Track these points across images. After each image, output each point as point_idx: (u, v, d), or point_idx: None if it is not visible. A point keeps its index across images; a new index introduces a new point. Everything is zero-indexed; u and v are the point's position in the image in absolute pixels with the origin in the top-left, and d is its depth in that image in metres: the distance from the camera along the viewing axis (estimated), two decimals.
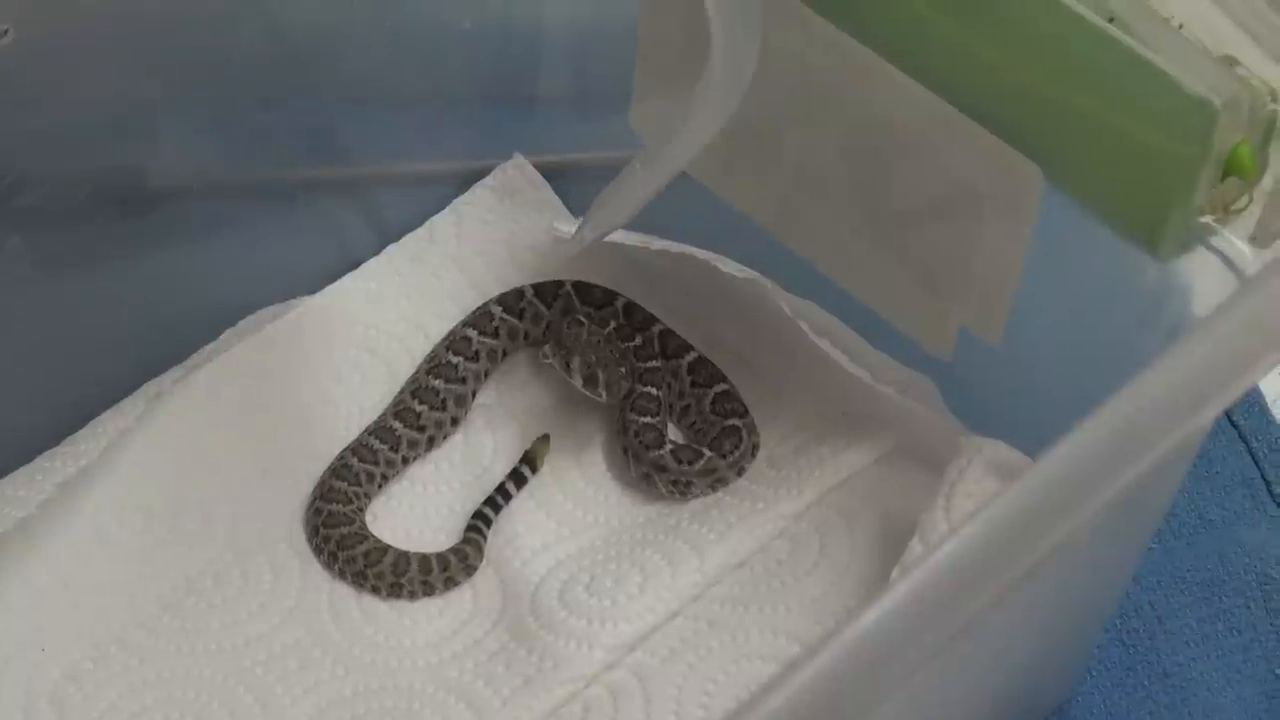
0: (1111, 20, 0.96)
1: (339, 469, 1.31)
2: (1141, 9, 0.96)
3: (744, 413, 1.33)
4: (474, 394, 1.36)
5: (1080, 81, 0.97)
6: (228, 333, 1.37)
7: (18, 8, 1.14)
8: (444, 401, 1.33)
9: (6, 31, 1.14)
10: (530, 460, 1.31)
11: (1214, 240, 0.98)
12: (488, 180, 1.44)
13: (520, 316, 1.38)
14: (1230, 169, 0.95)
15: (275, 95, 1.33)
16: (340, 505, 1.29)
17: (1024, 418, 1.10)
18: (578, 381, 1.30)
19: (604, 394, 1.30)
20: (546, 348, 1.30)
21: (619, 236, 1.32)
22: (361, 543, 1.27)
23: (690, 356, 1.36)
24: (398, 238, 1.42)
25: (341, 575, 1.28)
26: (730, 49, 0.98)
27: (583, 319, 1.34)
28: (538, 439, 1.32)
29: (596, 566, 1.27)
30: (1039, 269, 1.07)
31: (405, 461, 1.33)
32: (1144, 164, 0.97)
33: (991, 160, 1.04)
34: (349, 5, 1.32)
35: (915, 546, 1.16)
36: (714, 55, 0.98)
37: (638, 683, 1.22)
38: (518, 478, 1.30)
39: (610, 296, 1.38)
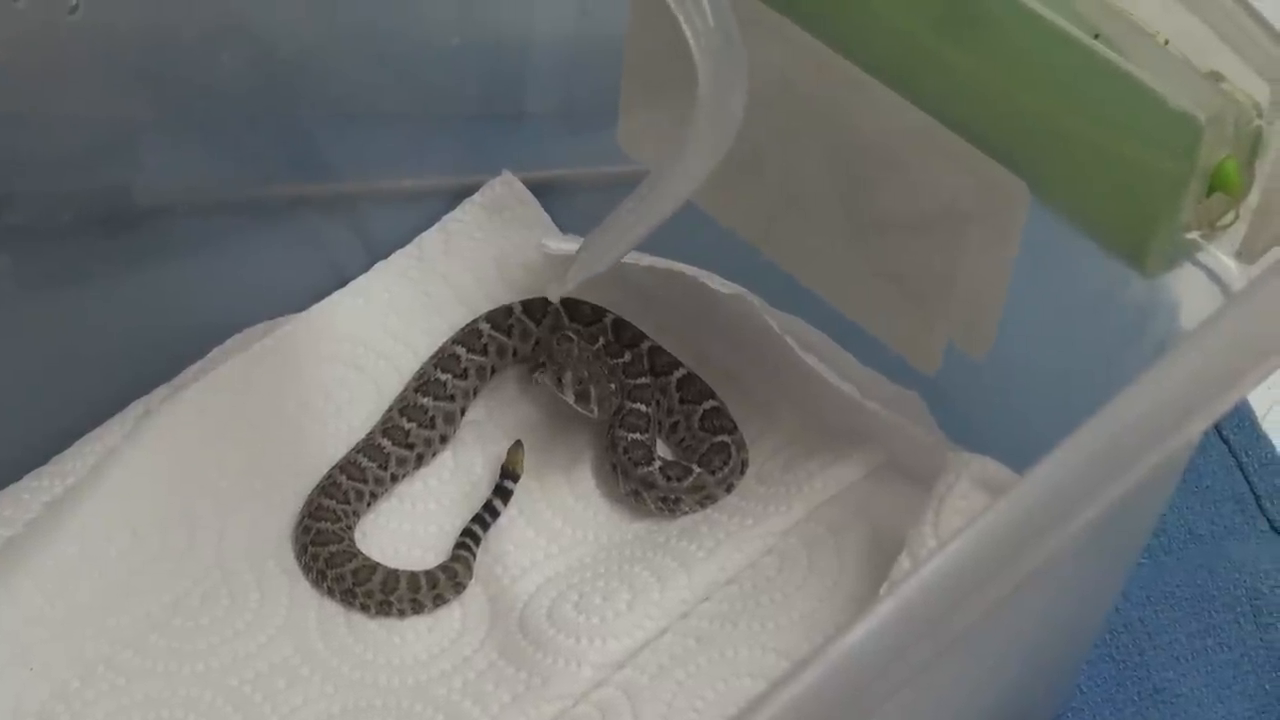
0: (1097, 36, 0.96)
1: (327, 487, 1.31)
2: (1127, 25, 0.96)
3: (733, 429, 1.33)
4: (463, 411, 1.36)
5: (1065, 97, 0.97)
6: (216, 350, 1.37)
7: (4, 27, 1.14)
8: (433, 419, 1.33)
9: None
10: (509, 471, 1.31)
11: (1200, 256, 0.98)
12: (476, 197, 1.44)
13: (509, 333, 1.38)
14: (1216, 185, 0.95)
15: (264, 112, 1.33)
16: (329, 523, 1.29)
17: (1011, 433, 1.10)
18: (569, 397, 1.30)
19: (595, 409, 1.30)
20: (538, 372, 1.30)
21: None
22: (350, 560, 1.27)
23: (679, 373, 1.36)
24: (386, 254, 1.42)
25: (330, 593, 1.27)
26: (717, 95, 0.98)
27: (572, 335, 1.34)
28: (511, 446, 1.32)
29: (585, 584, 1.27)
30: (1025, 284, 1.07)
31: (394, 479, 1.32)
32: (1129, 179, 0.97)
33: (977, 176, 1.04)
34: (336, 22, 1.32)
35: (904, 562, 1.16)
36: (700, 100, 0.99)
37: (626, 700, 1.22)
38: (502, 492, 1.30)
39: (599, 313, 1.38)
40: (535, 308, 1.39)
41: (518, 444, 1.32)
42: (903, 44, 1.03)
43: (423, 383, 1.35)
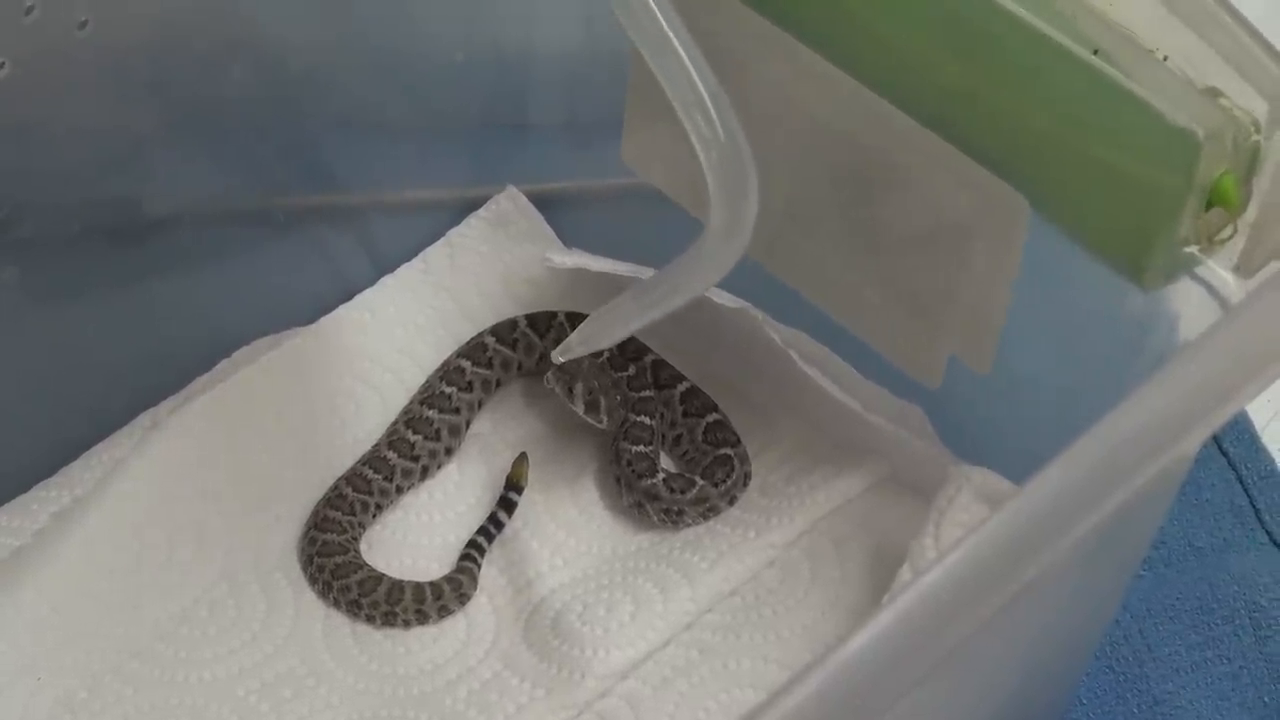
0: (1096, 53, 0.96)
1: (333, 498, 1.31)
2: (1126, 41, 0.97)
3: (736, 442, 1.34)
4: (468, 424, 1.36)
5: (1065, 113, 0.98)
6: (223, 363, 1.38)
7: (12, 40, 1.14)
8: (438, 431, 1.34)
9: (3, 65, 1.15)
10: (514, 483, 1.31)
11: (1199, 270, 0.98)
12: (481, 211, 1.45)
13: (514, 347, 1.38)
14: (1214, 200, 0.96)
15: (271, 124, 1.34)
16: (335, 534, 1.29)
17: (1012, 445, 1.10)
18: (579, 407, 1.30)
19: (604, 420, 1.31)
20: (549, 374, 1.30)
21: (609, 267, 1.33)
22: (356, 571, 1.28)
23: (682, 386, 1.36)
24: (392, 266, 1.43)
25: (336, 604, 1.28)
26: (729, 208, 0.98)
27: None
28: (516, 459, 1.32)
29: (589, 595, 1.27)
30: (1025, 298, 1.08)
31: (399, 491, 1.33)
32: (1129, 195, 0.97)
33: (978, 191, 1.04)
34: (343, 35, 1.33)
35: (905, 574, 1.16)
36: (712, 214, 0.99)
37: (630, 710, 1.22)
38: (507, 504, 1.31)
39: None
40: (540, 321, 1.39)
41: (522, 456, 1.32)
42: (904, 60, 1.04)
43: (428, 395, 1.35)
